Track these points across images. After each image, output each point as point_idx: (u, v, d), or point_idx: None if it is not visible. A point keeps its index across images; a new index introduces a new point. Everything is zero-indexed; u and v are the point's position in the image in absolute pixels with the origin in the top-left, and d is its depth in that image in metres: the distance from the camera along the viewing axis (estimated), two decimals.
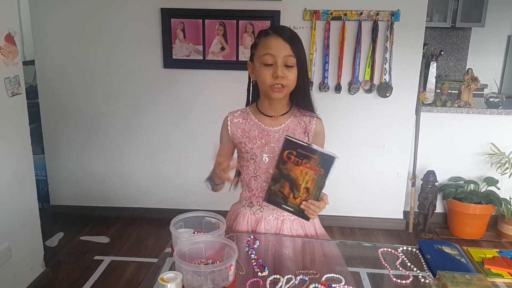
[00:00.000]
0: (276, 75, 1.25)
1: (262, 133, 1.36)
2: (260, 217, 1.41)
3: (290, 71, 1.27)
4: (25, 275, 2.36)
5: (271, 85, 1.27)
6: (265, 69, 1.27)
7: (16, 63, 2.22)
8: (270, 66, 1.26)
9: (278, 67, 1.25)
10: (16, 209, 2.25)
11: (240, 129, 1.39)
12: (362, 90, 3.09)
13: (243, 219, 1.43)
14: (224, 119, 1.43)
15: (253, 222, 1.42)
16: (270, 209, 1.39)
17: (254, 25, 3.03)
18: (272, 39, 1.27)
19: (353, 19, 2.98)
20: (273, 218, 1.40)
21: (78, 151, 3.34)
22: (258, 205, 1.41)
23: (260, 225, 1.41)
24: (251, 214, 1.43)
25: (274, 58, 1.25)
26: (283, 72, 1.26)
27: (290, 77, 1.27)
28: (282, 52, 1.25)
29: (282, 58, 1.25)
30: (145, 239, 3.10)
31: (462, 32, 5.09)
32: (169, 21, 3.05)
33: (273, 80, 1.26)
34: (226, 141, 1.44)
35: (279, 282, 1.10)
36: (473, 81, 3.16)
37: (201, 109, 3.22)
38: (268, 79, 1.27)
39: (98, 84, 3.21)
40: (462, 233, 3.19)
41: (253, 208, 1.42)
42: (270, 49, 1.26)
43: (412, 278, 1.17)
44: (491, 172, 3.24)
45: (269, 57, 1.26)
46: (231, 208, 1.53)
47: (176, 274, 0.98)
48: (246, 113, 1.41)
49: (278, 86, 1.27)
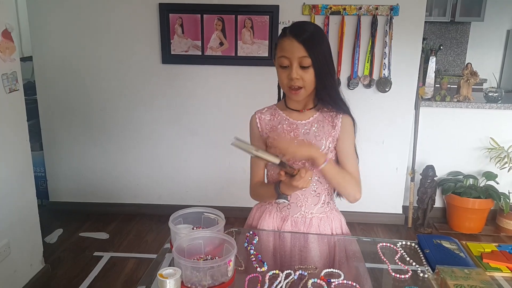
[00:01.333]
0: (290, 77, 1.25)
1: (290, 126, 1.36)
2: (286, 215, 1.40)
3: (306, 72, 1.25)
4: (24, 271, 2.36)
5: (288, 87, 1.28)
6: (282, 71, 1.28)
7: (14, 59, 2.21)
8: (286, 68, 1.26)
9: (293, 69, 1.25)
10: (15, 205, 2.25)
11: (269, 126, 1.39)
12: (361, 85, 3.09)
13: (269, 216, 1.42)
14: (251, 118, 1.43)
15: (278, 220, 1.41)
16: (297, 207, 1.38)
17: (252, 20, 3.02)
18: (287, 41, 1.25)
19: (352, 13, 2.97)
20: (300, 216, 1.39)
21: (76, 147, 3.34)
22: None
23: (287, 223, 1.40)
24: (277, 211, 1.42)
25: (289, 60, 1.25)
26: (297, 73, 1.25)
27: (306, 78, 1.26)
28: (296, 54, 1.24)
29: (297, 60, 1.24)
30: (145, 235, 3.11)
31: (462, 26, 5.08)
32: (167, 16, 3.04)
33: (289, 82, 1.26)
34: (257, 140, 1.42)
35: (278, 278, 1.10)
36: (472, 75, 3.16)
37: (200, 104, 3.21)
38: (285, 81, 1.28)
39: (97, 80, 3.20)
40: (461, 228, 3.20)
41: (280, 206, 1.41)
42: (284, 52, 1.25)
43: (411, 272, 1.17)
44: (490, 167, 3.24)
45: (284, 59, 1.26)
46: (254, 208, 1.52)
47: (175, 270, 0.98)
48: (273, 109, 1.41)
49: (294, 87, 1.27)
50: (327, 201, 1.40)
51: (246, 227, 1.48)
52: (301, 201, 1.38)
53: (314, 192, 1.37)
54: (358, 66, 3.06)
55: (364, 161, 3.32)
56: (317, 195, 1.37)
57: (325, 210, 1.41)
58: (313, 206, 1.38)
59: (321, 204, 1.39)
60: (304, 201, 1.37)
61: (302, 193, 1.36)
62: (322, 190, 1.38)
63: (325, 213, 1.41)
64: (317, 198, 1.37)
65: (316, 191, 1.37)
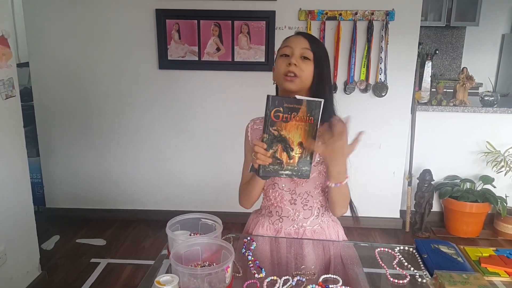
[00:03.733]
0: (289, 62, 1.25)
1: None
2: (279, 228, 1.39)
3: (306, 63, 1.26)
4: (21, 278, 2.35)
5: (284, 73, 1.26)
6: (282, 59, 1.29)
7: (10, 65, 2.21)
8: (287, 57, 1.28)
9: (293, 56, 1.26)
10: (12, 212, 2.24)
11: (258, 135, 1.37)
12: (358, 89, 3.10)
13: (262, 228, 1.41)
14: (246, 127, 1.42)
15: (272, 231, 1.40)
16: (289, 220, 1.37)
17: (249, 26, 3.03)
18: (293, 37, 1.32)
19: (348, 19, 2.98)
20: (293, 229, 1.38)
21: (73, 153, 3.33)
22: (277, 215, 1.38)
23: (280, 235, 1.38)
24: (270, 224, 1.41)
25: (292, 50, 1.27)
26: (298, 62, 1.26)
27: (304, 69, 1.26)
28: (300, 45, 1.27)
29: (300, 50, 1.26)
30: (142, 240, 3.09)
31: (457, 31, 5.11)
32: (164, 22, 3.04)
33: (286, 68, 1.26)
34: (248, 150, 1.41)
35: (276, 284, 1.10)
36: (468, 80, 3.18)
37: (197, 110, 3.21)
38: (282, 68, 1.27)
39: (94, 86, 3.20)
40: (459, 232, 3.20)
41: (272, 218, 1.40)
42: (288, 42, 1.30)
43: (409, 277, 1.17)
44: (486, 171, 3.25)
45: (287, 48, 1.28)
46: (251, 216, 1.51)
47: (173, 277, 0.98)
48: None
49: (290, 74, 1.25)
50: (321, 213, 1.38)
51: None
52: (292, 215, 1.36)
53: (306, 206, 1.35)
54: (355, 71, 3.07)
55: (361, 166, 3.37)
56: (309, 208, 1.36)
57: (319, 222, 1.39)
58: (305, 220, 1.37)
59: (314, 217, 1.37)
60: (296, 215, 1.36)
61: (294, 208, 1.35)
62: (314, 203, 1.35)
63: (319, 225, 1.39)
64: (309, 211, 1.36)
65: (307, 205, 1.35)
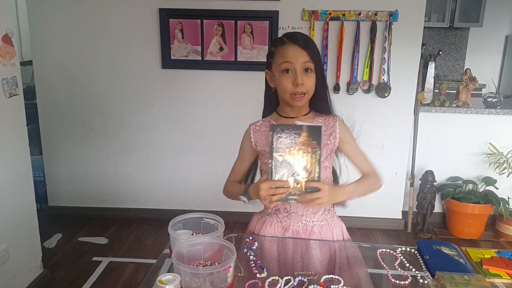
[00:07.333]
0: (296, 83, 1.25)
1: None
2: (287, 225, 1.39)
3: (308, 76, 1.27)
4: (23, 276, 2.35)
5: (292, 93, 1.27)
6: (285, 78, 1.27)
7: (14, 64, 2.21)
8: (289, 74, 1.27)
9: (298, 75, 1.25)
10: (14, 210, 2.25)
11: (264, 136, 1.37)
12: (361, 90, 3.09)
13: (270, 227, 1.41)
14: (246, 130, 1.43)
15: (280, 229, 1.40)
16: (298, 216, 1.38)
17: (252, 25, 3.03)
18: (289, 47, 1.27)
19: (352, 19, 2.98)
20: (301, 225, 1.38)
21: (76, 152, 3.33)
22: (285, 212, 1.39)
23: (288, 233, 1.39)
24: (278, 221, 1.41)
25: (293, 66, 1.26)
26: (303, 79, 1.25)
27: (308, 83, 1.27)
28: (300, 59, 1.25)
29: (301, 65, 1.26)
30: (144, 239, 3.10)
31: (460, 32, 5.10)
32: (168, 21, 3.05)
33: (294, 89, 1.26)
34: (247, 151, 1.44)
35: (277, 284, 1.10)
36: (471, 81, 3.17)
37: (200, 109, 3.21)
38: (289, 88, 1.27)
39: (97, 85, 3.21)
40: (461, 233, 3.19)
41: (280, 215, 1.40)
42: (288, 57, 1.26)
43: (410, 278, 1.17)
44: (489, 172, 3.24)
45: (287, 64, 1.26)
46: (253, 218, 1.50)
47: (175, 276, 0.98)
48: (267, 121, 1.40)
49: (299, 94, 1.27)
50: (327, 209, 1.41)
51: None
52: (301, 210, 1.37)
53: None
54: (358, 72, 3.06)
55: None
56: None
57: (326, 218, 1.40)
58: (313, 215, 1.38)
59: (321, 212, 1.39)
60: (304, 210, 1.37)
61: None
62: None
63: (326, 220, 1.40)
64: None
65: None
